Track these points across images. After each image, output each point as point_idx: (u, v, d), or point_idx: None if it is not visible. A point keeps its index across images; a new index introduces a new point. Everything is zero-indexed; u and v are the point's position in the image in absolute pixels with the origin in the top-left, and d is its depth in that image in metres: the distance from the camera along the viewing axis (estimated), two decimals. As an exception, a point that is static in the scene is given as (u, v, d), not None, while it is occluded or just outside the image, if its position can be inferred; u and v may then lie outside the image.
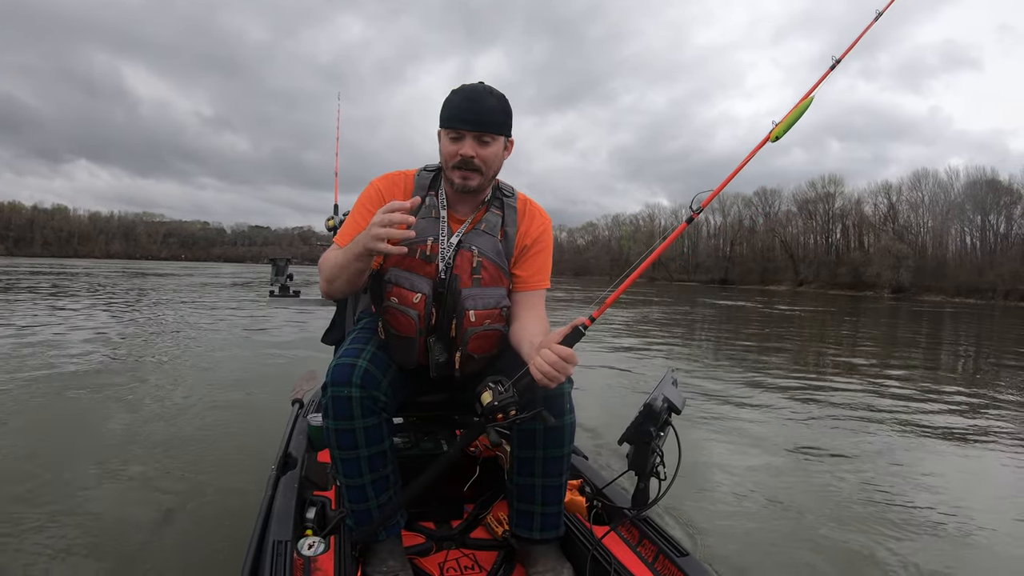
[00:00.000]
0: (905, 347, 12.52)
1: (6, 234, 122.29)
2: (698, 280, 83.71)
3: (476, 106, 1.75)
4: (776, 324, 17.43)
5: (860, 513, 3.19)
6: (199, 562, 2.35)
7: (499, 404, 1.57)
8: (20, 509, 2.75)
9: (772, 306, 26.87)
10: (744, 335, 13.69)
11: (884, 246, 64.22)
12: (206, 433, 3.96)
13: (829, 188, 78.75)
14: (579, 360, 1.58)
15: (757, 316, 20.61)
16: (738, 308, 24.66)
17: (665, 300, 28.44)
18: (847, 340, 13.54)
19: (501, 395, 1.58)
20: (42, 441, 3.71)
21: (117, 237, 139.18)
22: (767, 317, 20.16)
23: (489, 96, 1.77)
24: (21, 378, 5.38)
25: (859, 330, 16.90)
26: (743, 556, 2.68)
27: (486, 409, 1.58)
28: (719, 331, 14.67)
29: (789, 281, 74.51)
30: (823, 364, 9.13)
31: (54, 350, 6.95)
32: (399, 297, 1.78)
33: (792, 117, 1.76)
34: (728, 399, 5.90)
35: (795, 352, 10.53)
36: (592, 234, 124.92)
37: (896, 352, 11.31)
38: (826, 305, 30.78)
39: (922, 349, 12.42)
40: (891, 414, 5.58)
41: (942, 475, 3.89)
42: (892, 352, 11.22)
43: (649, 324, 14.22)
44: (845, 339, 13.84)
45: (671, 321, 16.33)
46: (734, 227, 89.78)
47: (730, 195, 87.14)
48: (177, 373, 5.98)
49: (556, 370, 1.53)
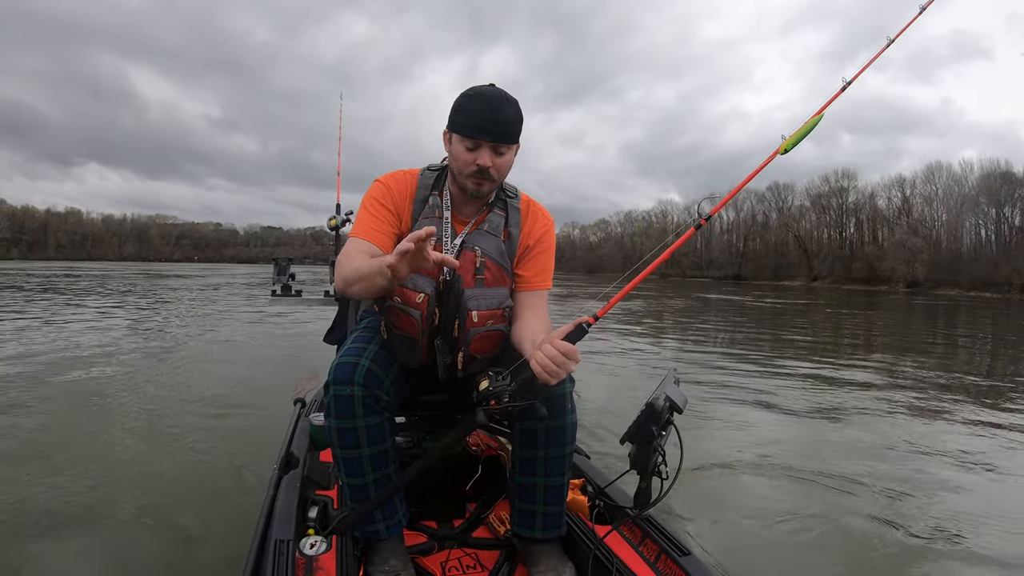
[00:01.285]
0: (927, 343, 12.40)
1: (20, 237, 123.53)
2: (711, 276, 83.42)
3: (497, 116, 1.73)
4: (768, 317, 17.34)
5: (873, 513, 3.16)
6: (201, 561, 2.35)
7: (495, 390, 1.59)
8: (20, 508, 2.77)
9: (762, 300, 26.77)
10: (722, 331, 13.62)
11: (899, 240, 63.67)
12: (207, 433, 3.96)
13: (842, 182, 78.36)
14: (581, 358, 1.58)
15: (749, 310, 20.55)
16: (730, 302, 24.56)
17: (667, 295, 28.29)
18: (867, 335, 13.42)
19: (498, 383, 1.60)
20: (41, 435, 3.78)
21: (130, 239, 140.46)
22: (758, 311, 20.08)
23: (508, 105, 1.75)
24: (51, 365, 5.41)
25: (877, 325, 16.79)
26: (744, 556, 2.66)
27: (482, 395, 1.61)
28: (719, 326, 14.61)
29: (803, 276, 74.12)
30: (840, 355, 9.07)
31: (77, 349, 7.08)
32: (402, 296, 1.78)
33: (801, 133, 1.79)
34: (729, 395, 5.90)
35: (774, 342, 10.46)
36: (604, 231, 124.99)
37: (913, 345, 11.22)
38: (837, 302, 30.50)
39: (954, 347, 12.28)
40: (904, 406, 5.55)
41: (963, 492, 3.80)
42: (907, 345, 11.14)
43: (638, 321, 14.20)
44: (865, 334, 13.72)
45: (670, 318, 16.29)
46: (747, 222, 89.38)
47: (742, 191, 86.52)
48: (187, 370, 6.05)
49: (557, 365, 1.53)
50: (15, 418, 4.26)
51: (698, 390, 6.08)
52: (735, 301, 26.06)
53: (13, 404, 4.61)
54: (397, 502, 1.85)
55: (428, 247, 1.47)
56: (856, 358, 9.23)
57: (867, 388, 6.60)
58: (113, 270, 44.50)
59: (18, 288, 19.85)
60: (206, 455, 3.53)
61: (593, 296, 19.11)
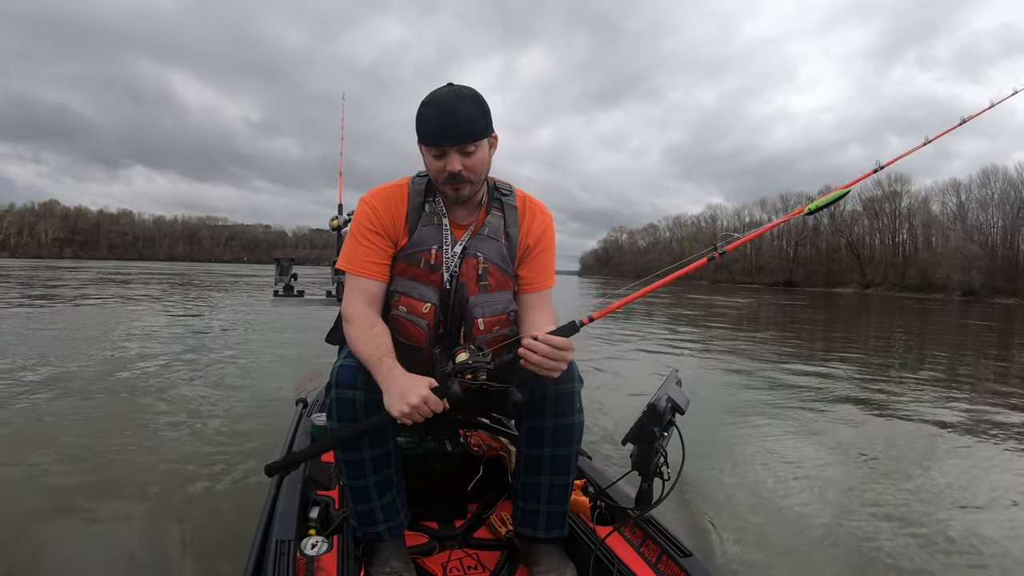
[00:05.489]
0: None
1: (73, 238, 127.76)
2: (761, 282, 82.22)
3: (453, 119, 1.67)
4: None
5: (881, 512, 3.09)
6: (202, 561, 2.35)
7: (472, 364, 1.57)
8: (19, 501, 2.80)
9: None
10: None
11: (955, 247, 61.92)
12: (208, 433, 3.97)
13: (895, 186, 76.27)
14: (575, 346, 1.60)
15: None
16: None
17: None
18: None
19: (477, 358, 1.58)
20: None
21: (181, 240, 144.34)
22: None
23: (463, 102, 1.69)
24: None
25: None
26: (745, 557, 2.62)
27: (458, 366, 1.58)
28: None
29: (855, 283, 72.66)
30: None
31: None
32: (408, 307, 1.78)
33: (827, 200, 1.83)
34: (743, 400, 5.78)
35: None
36: (653, 236, 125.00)
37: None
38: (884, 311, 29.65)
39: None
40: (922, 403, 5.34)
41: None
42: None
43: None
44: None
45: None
46: (798, 227, 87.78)
47: (794, 194, 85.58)
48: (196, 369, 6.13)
49: (546, 355, 1.55)
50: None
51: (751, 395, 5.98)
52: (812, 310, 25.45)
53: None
54: (399, 503, 1.85)
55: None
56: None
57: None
58: (188, 270, 45.48)
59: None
60: (206, 455, 3.51)
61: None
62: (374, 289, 1.81)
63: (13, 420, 4.10)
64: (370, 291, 1.81)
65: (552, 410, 1.77)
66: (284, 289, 3.87)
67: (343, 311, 1.82)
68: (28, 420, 4.12)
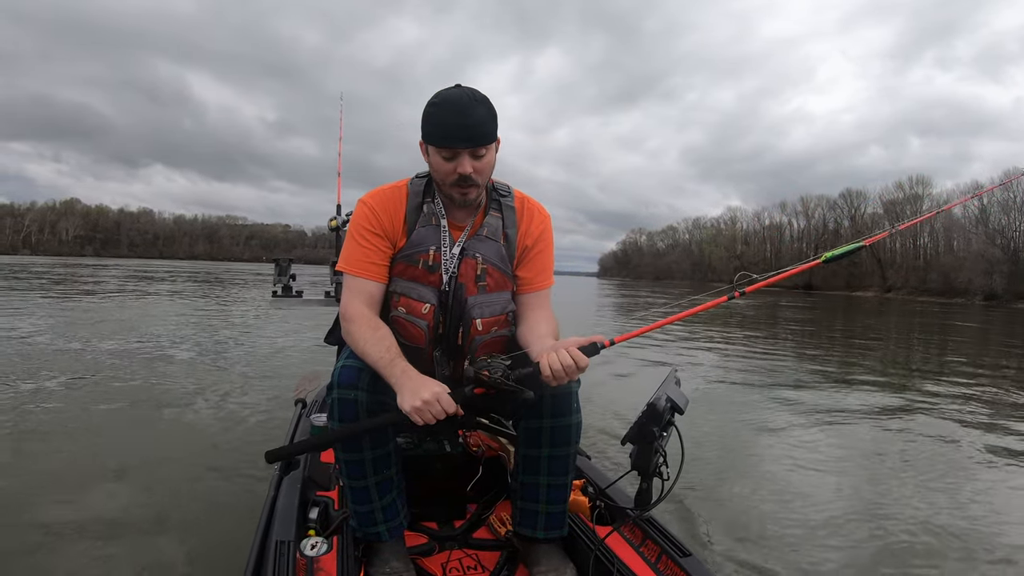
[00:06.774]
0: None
1: (94, 236, 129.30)
2: (780, 285, 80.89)
3: (468, 120, 1.67)
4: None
5: (891, 514, 3.07)
6: (202, 562, 2.36)
7: (491, 361, 1.60)
8: (18, 501, 2.81)
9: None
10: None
11: (976, 251, 61.05)
12: (208, 433, 3.98)
13: (916, 189, 75.75)
14: (588, 363, 1.61)
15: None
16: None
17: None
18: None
19: (496, 361, 1.61)
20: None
21: (200, 239, 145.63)
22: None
23: (477, 105, 1.69)
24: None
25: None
26: (747, 556, 2.61)
27: (479, 363, 1.62)
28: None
29: (876, 287, 71.89)
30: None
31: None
32: (407, 307, 1.79)
33: (844, 250, 1.90)
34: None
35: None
36: (672, 238, 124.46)
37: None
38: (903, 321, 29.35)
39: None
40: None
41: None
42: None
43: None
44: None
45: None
46: (818, 230, 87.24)
47: (814, 197, 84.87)
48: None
49: (566, 372, 1.56)
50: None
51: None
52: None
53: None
54: (399, 503, 1.85)
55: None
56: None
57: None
58: (212, 269, 45.86)
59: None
60: (206, 455, 3.52)
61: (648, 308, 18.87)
62: (373, 290, 1.82)
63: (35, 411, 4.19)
64: (369, 292, 1.81)
65: (549, 411, 1.76)
66: (283, 289, 3.88)
67: (342, 312, 1.82)
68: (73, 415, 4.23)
